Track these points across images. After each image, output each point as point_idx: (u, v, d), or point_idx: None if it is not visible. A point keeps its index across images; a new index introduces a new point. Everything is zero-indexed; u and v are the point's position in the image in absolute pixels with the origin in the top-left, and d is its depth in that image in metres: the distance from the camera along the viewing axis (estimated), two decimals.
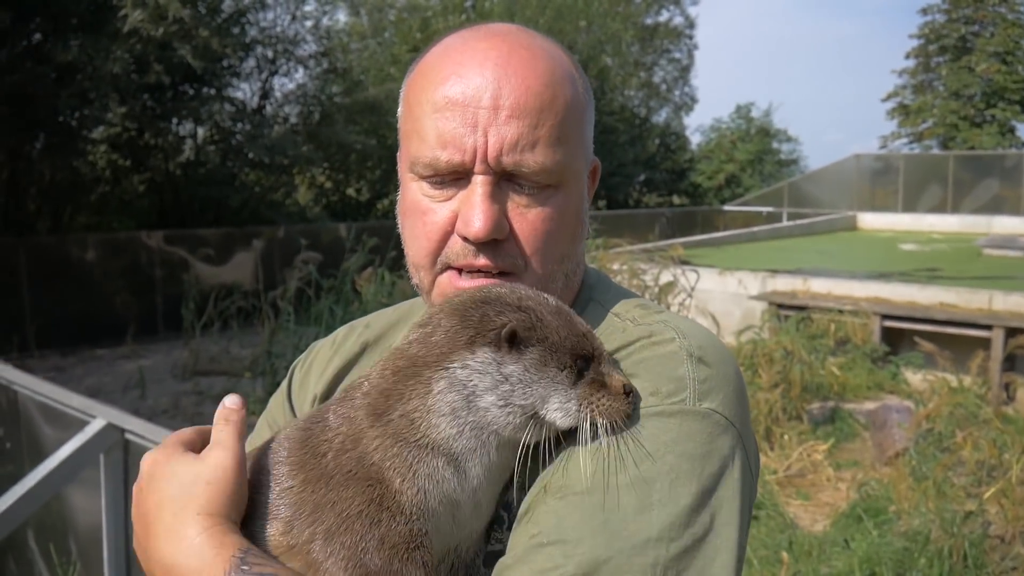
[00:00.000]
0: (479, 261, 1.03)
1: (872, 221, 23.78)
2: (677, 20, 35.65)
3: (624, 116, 31.59)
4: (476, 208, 1.00)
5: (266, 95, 19.40)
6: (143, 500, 0.96)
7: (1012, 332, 8.53)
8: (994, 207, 22.33)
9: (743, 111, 39.88)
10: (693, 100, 36.89)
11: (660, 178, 34.48)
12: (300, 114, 19.78)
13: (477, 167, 1.01)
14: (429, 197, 1.06)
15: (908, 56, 37.43)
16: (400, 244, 1.14)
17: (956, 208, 22.91)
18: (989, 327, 8.83)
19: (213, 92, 17.29)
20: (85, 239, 14.53)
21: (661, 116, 36.01)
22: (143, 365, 10.93)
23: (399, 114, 1.13)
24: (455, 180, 1.03)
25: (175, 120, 16.99)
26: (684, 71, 36.24)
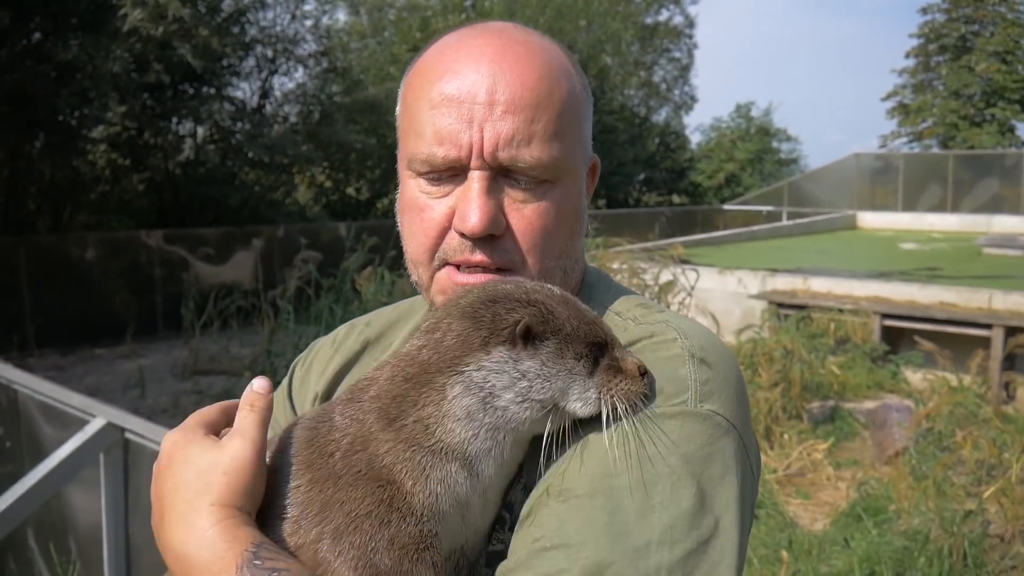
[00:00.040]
0: (476, 257, 1.03)
1: (872, 220, 23.78)
2: (677, 19, 35.75)
3: (624, 115, 31.59)
4: (472, 204, 1.00)
5: (266, 94, 19.41)
6: (161, 482, 0.95)
7: (1012, 331, 8.52)
8: (994, 206, 22.34)
9: (743, 110, 39.94)
10: (693, 99, 36.96)
11: (660, 177, 34.49)
12: (300, 113, 19.78)
13: (473, 163, 1.01)
14: (426, 194, 1.05)
15: (908, 55, 37.50)
16: (400, 243, 1.14)
17: (956, 207, 22.91)
18: (989, 326, 8.83)
19: (213, 91, 17.30)
20: (85, 238, 14.52)
21: (661, 115, 36.05)
22: (143, 364, 10.93)
23: (397, 113, 1.13)
24: (452, 176, 1.03)
25: (175, 119, 16.99)
26: (684, 70, 36.29)
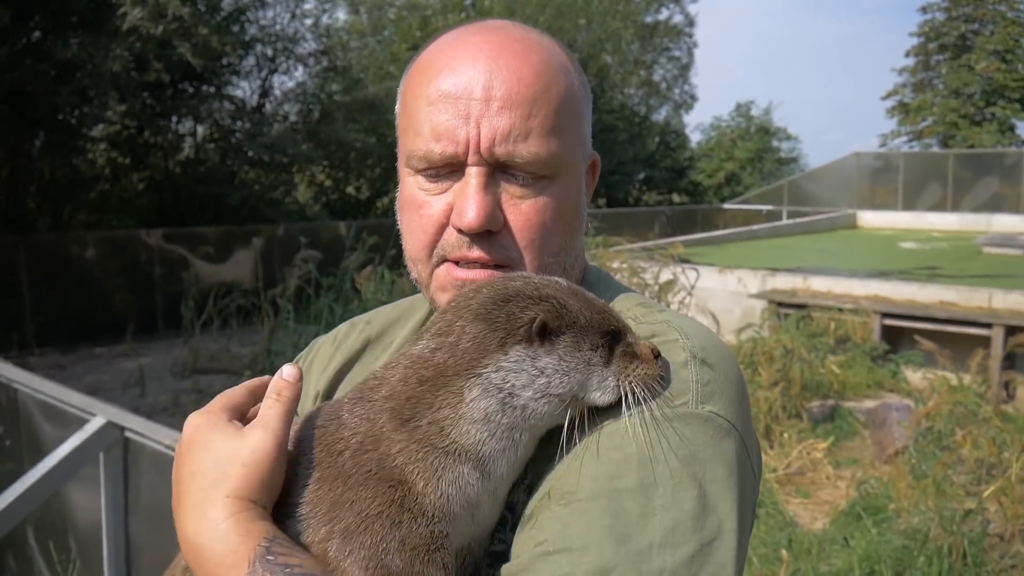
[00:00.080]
0: (473, 253, 1.02)
1: (872, 219, 23.78)
2: (677, 18, 35.75)
3: (624, 114, 31.58)
4: (470, 199, 1.00)
5: (266, 93, 19.41)
6: (180, 465, 0.94)
7: (1012, 330, 8.52)
8: (994, 205, 22.34)
9: (743, 109, 39.95)
10: (693, 98, 36.95)
11: (660, 176, 34.48)
12: (300, 112, 19.78)
13: (470, 158, 1.01)
14: (425, 190, 1.05)
15: (908, 54, 37.51)
16: (400, 242, 1.14)
17: (956, 206, 22.91)
18: (989, 325, 8.82)
19: (213, 90, 17.30)
20: (85, 237, 14.52)
21: (661, 114, 36.04)
22: (143, 363, 10.93)
23: (396, 111, 1.13)
24: (450, 173, 1.03)
25: (175, 118, 16.99)
26: (684, 69, 36.28)
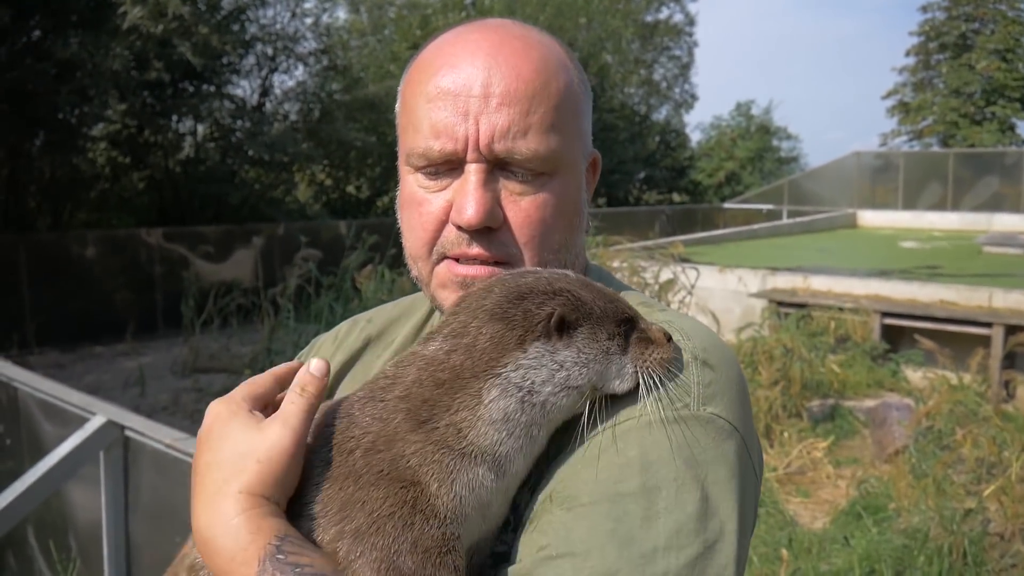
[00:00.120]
0: (473, 250, 1.02)
1: (872, 219, 23.78)
2: (677, 17, 35.75)
3: (624, 113, 31.58)
4: (469, 196, 1.00)
5: (266, 92, 19.40)
6: (198, 454, 0.93)
7: (1012, 330, 8.51)
8: (994, 205, 22.35)
9: (743, 109, 39.96)
10: (693, 97, 36.95)
11: (660, 175, 34.48)
12: (300, 111, 19.77)
13: (469, 155, 1.00)
14: (424, 188, 1.05)
15: (908, 54, 37.50)
16: (400, 241, 1.14)
17: (956, 206, 22.91)
18: (989, 325, 8.82)
19: (213, 89, 17.29)
20: (85, 236, 14.52)
21: (661, 113, 36.05)
22: (143, 362, 10.93)
23: (397, 110, 1.13)
24: (449, 170, 1.03)
25: (175, 117, 16.98)
26: (684, 68, 36.28)
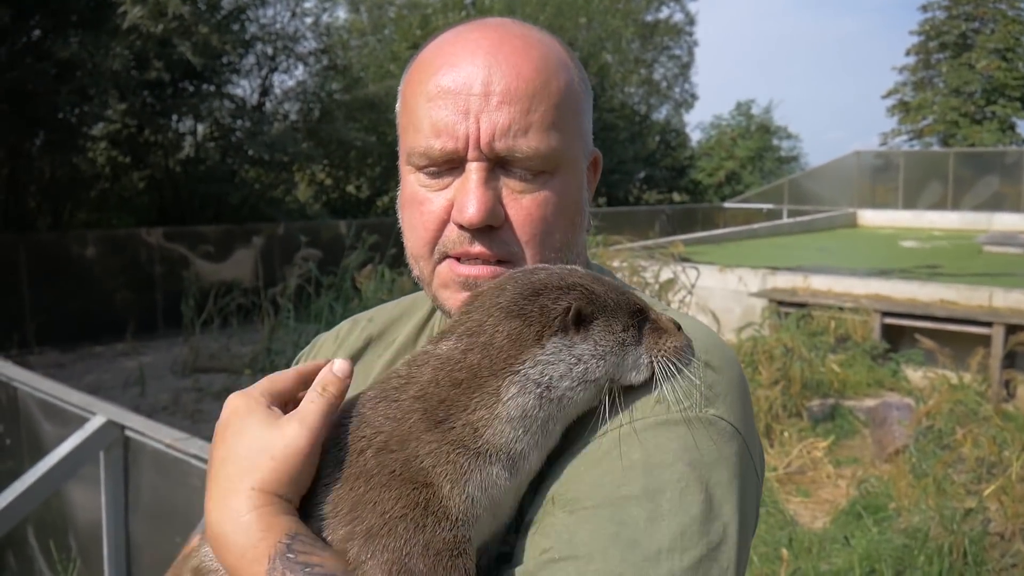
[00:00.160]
0: (475, 249, 1.02)
1: (872, 218, 23.78)
2: (677, 17, 35.73)
3: (624, 113, 31.57)
4: (470, 195, 1.00)
5: (266, 92, 19.39)
6: (214, 447, 0.93)
7: (1012, 329, 8.51)
8: (994, 204, 22.34)
9: (743, 108, 39.91)
10: (693, 97, 36.93)
11: (660, 175, 34.47)
12: (300, 111, 19.77)
13: (470, 154, 1.00)
14: (425, 187, 1.05)
15: (908, 53, 37.49)
16: (400, 240, 1.13)
17: (956, 205, 22.91)
18: (989, 324, 8.82)
19: (213, 89, 17.28)
20: (85, 236, 14.51)
21: (661, 113, 36.02)
22: (143, 362, 10.94)
23: (397, 110, 1.13)
24: (450, 169, 1.03)
25: (175, 117, 16.98)
26: (684, 68, 36.25)
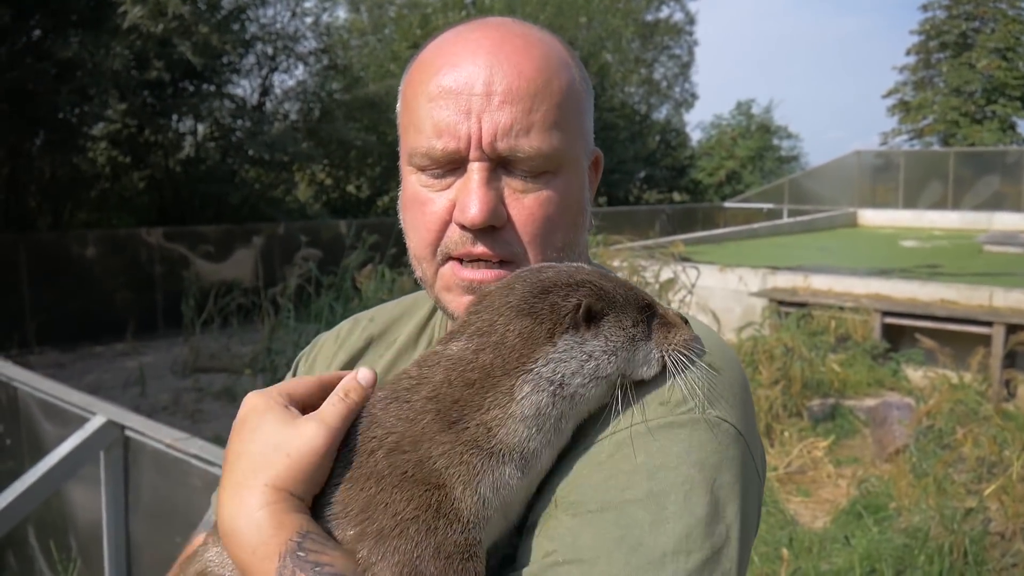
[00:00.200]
0: (477, 249, 1.01)
1: (873, 218, 23.77)
2: (677, 16, 35.76)
3: (624, 113, 31.57)
4: (472, 195, 0.99)
5: (266, 92, 19.40)
6: (230, 442, 0.93)
7: (1013, 329, 8.51)
8: (995, 204, 22.34)
9: (744, 108, 39.90)
10: (693, 97, 36.94)
11: (660, 175, 34.47)
12: (300, 111, 19.78)
13: (472, 154, 1.00)
14: (427, 188, 1.05)
15: (909, 52, 37.48)
16: (401, 240, 1.13)
17: (957, 205, 22.90)
18: (990, 324, 8.82)
19: (213, 89, 17.30)
20: (85, 236, 14.51)
21: (661, 113, 36.03)
22: (143, 362, 10.94)
23: (398, 110, 1.12)
24: (452, 169, 1.02)
25: (175, 117, 16.99)
26: (684, 67, 36.26)
